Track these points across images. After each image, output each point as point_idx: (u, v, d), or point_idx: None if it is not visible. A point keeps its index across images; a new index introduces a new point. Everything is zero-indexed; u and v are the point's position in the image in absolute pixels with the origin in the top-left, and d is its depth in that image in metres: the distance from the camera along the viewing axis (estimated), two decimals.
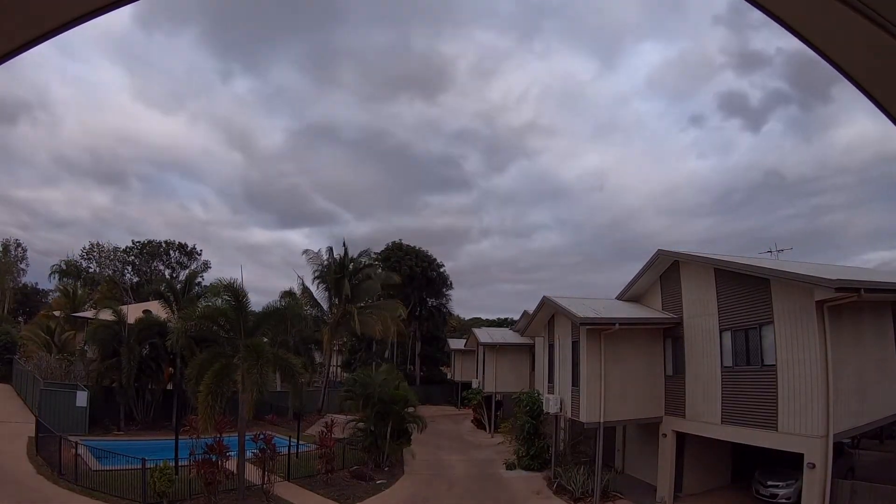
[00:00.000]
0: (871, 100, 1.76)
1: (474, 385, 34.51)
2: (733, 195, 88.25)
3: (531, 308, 23.57)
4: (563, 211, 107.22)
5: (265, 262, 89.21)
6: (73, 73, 73.10)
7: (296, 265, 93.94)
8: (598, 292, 26.46)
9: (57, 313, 37.11)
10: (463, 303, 74.54)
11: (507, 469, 21.74)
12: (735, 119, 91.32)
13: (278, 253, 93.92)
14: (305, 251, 35.01)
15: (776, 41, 74.30)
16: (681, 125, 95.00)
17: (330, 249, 35.13)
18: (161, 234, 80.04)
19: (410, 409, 22.40)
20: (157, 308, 27.29)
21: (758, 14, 1.71)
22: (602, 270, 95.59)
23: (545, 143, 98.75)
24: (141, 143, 79.17)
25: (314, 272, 34.70)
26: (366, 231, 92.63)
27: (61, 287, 42.84)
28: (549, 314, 21.17)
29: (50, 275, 46.90)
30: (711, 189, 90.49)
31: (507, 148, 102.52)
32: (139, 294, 41.31)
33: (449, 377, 47.50)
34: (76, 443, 15.86)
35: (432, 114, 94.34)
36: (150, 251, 52.77)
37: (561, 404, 19.12)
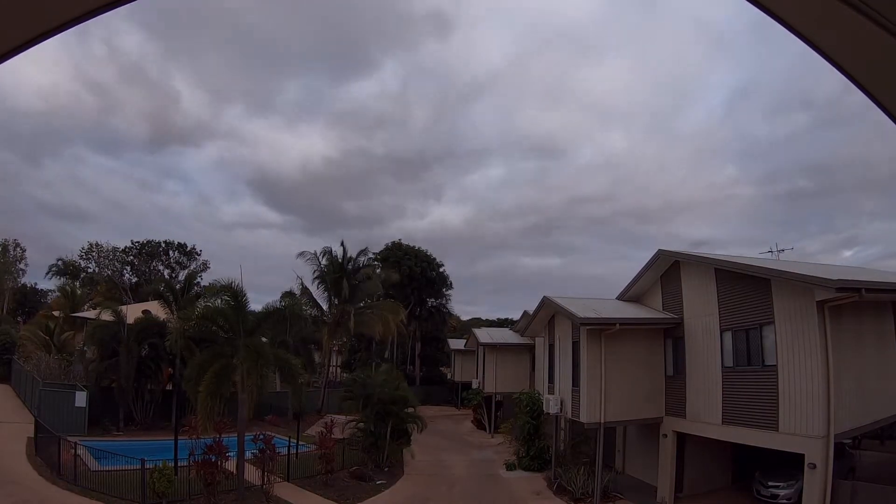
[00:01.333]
0: (872, 100, 1.75)
1: (474, 385, 34.48)
2: (848, 97, 57.74)
3: (531, 307, 23.60)
4: (612, 104, 71.31)
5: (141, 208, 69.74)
6: None
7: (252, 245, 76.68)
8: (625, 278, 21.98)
9: (56, 313, 37.08)
10: (453, 286, 51.69)
11: (507, 469, 21.73)
12: None
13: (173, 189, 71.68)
14: (302, 252, 35.16)
15: None
16: None
17: (328, 250, 35.34)
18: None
19: (410, 410, 22.40)
20: (156, 308, 27.23)
21: None
22: (650, 230, 70.91)
23: None
24: None
25: (313, 273, 34.88)
26: (300, 153, 68.24)
27: (60, 287, 42.82)
28: (549, 314, 21.16)
29: (47, 274, 46.99)
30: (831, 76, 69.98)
31: None
32: (138, 294, 41.39)
33: (449, 377, 47.46)
34: (75, 443, 15.83)
35: None
36: (149, 251, 52.84)
37: (561, 405, 19.10)
